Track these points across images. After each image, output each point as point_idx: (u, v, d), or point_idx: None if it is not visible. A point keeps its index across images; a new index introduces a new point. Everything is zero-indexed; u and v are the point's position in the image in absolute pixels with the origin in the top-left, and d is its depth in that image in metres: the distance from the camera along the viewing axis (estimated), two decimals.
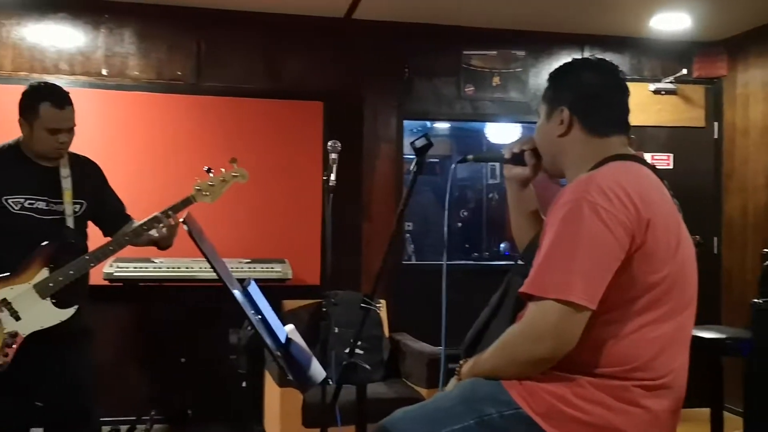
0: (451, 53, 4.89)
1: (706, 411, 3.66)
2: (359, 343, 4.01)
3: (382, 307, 4.07)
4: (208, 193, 2.87)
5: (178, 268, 3.99)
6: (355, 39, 4.74)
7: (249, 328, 1.54)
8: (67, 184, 2.80)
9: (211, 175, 2.89)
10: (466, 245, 6.39)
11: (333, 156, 3.13)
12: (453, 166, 1.94)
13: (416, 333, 4.34)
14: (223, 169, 2.92)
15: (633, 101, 1.78)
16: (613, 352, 1.58)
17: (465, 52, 4.90)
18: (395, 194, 4.76)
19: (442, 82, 4.89)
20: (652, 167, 1.74)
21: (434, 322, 2.05)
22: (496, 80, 4.93)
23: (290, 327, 1.77)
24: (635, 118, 1.77)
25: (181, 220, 2.58)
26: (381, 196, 4.73)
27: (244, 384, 3.67)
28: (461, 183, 6.85)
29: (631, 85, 1.78)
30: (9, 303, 2.65)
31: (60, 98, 2.72)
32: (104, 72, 4.44)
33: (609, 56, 3.08)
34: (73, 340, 2.79)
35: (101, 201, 2.95)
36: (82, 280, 2.82)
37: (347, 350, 2.13)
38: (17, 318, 2.65)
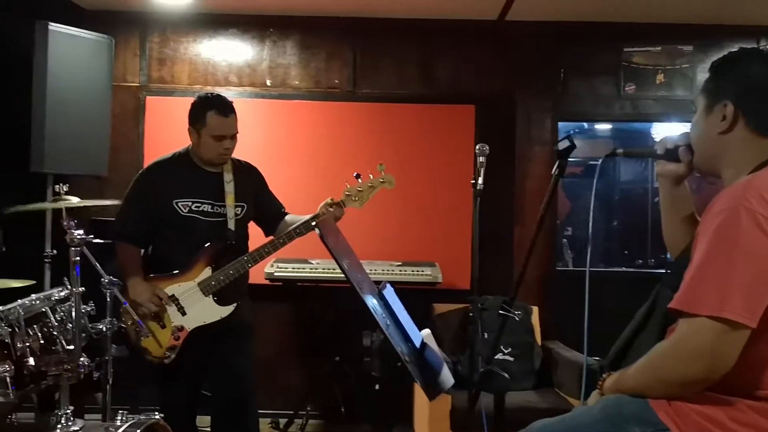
0: (610, 51, 4.68)
1: None
2: (509, 350, 3.99)
3: (520, 315, 3.96)
4: (356, 199, 2.96)
5: (334, 269, 4.12)
6: (509, 40, 4.67)
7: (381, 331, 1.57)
8: (229, 188, 2.99)
9: (359, 181, 2.96)
10: (625, 251, 6.06)
11: (481, 159, 3.09)
12: (599, 160, 1.85)
13: (570, 341, 4.19)
14: (371, 175, 2.99)
15: None
16: None
17: (626, 49, 4.67)
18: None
19: (601, 81, 4.69)
20: None
21: (589, 330, 1.96)
22: (660, 78, 4.65)
23: (426, 332, 1.77)
24: None
25: (313, 224, 2.68)
26: (534, 200, 4.61)
27: (377, 387, 3.72)
28: (624, 185, 6.52)
29: None
30: (177, 299, 2.88)
31: (225, 107, 2.93)
32: (268, 82, 4.71)
33: None
34: (235, 335, 2.98)
35: (260, 203, 3.13)
36: (242, 279, 3.00)
37: (496, 356, 2.08)
38: (183, 313, 2.88)
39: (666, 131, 5.25)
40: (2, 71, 4.21)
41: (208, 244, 2.90)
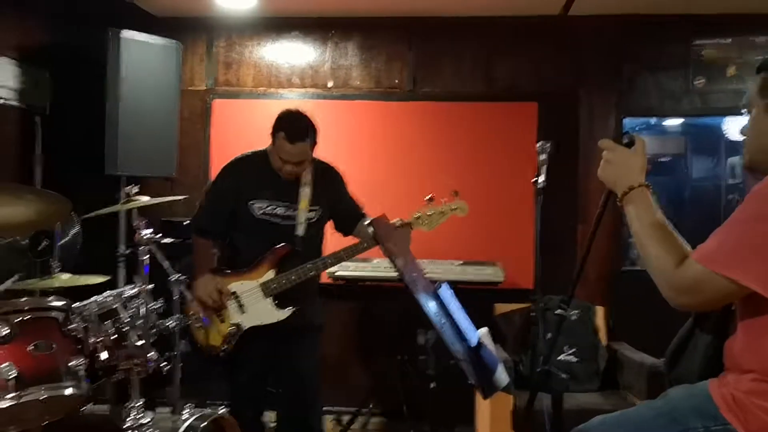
0: (678, 44, 4.54)
1: None
2: (573, 350, 3.93)
3: (577, 314, 3.89)
4: (425, 223, 2.95)
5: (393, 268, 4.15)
6: (571, 36, 4.60)
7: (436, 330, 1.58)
8: (305, 192, 3.00)
9: (431, 204, 2.96)
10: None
11: (542, 157, 3.05)
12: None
13: (636, 343, 4.09)
14: (444, 200, 2.97)
15: None
16: None
17: (695, 42, 4.52)
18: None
19: (668, 75, 4.56)
20: None
21: (655, 331, 1.92)
22: (731, 71, 4.49)
23: (484, 330, 1.77)
24: None
25: (367, 222, 2.69)
26: (598, 197, 4.50)
27: (432, 385, 3.71)
28: (696, 183, 6.32)
29: None
30: (238, 296, 2.94)
31: (293, 134, 2.89)
32: (330, 84, 4.77)
33: None
34: (301, 336, 3.01)
35: (338, 206, 3.12)
36: (308, 284, 2.99)
37: (558, 357, 2.07)
38: (242, 311, 2.94)
39: (737, 125, 5.06)
40: (78, 78, 4.42)
41: (277, 246, 2.93)
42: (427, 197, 2.94)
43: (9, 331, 2.09)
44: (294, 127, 2.91)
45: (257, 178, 3.02)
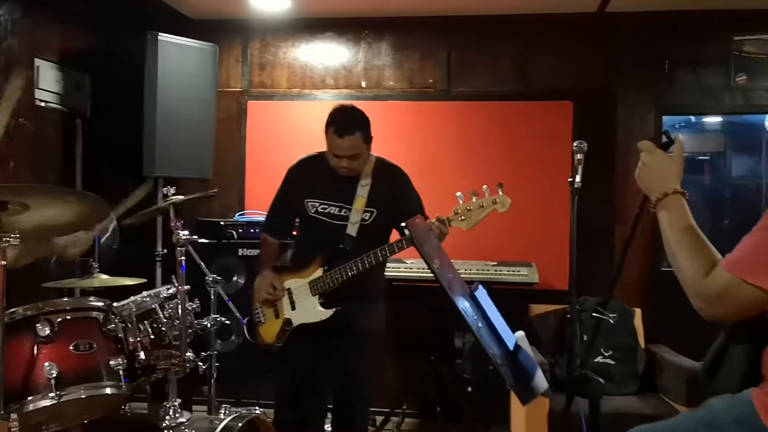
0: (718, 40, 4.44)
1: None
2: (610, 353, 3.87)
3: (615, 317, 3.81)
4: (464, 218, 2.80)
5: (427, 269, 4.12)
6: (608, 33, 4.53)
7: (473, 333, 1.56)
8: (362, 192, 2.95)
9: (474, 199, 2.80)
10: None
11: (578, 157, 2.99)
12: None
13: (676, 345, 4.01)
14: (486, 190, 2.82)
15: None
16: None
17: (736, 38, 4.42)
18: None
19: (708, 72, 4.46)
20: None
21: (695, 333, 1.88)
22: None
23: (520, 334, 1.74)
24: None
25: (403, 224, 2.64)
26: (635, 197, 4.42)
27: (469, 389, 3.65)
28: (736, 182, 6.18)
29: None
30: (291, 293, 2.96)
31: (342, 127, 2.85)
32: (363, 84, 4.77)
33: None
34: (350, 337, 2.97)
35: (397, 208, 3.00)
36: (363, 285, 2.94)
37: (596, 360, 2.03)
38: (293, 308, 2.95)
39: None
40: (117, 81, 4.49)
41: (327, 246, 2.93)
42: (470, 192, 2.81)
43: (51, 330, 2.13)
44: (342, 121, 2.88)
45: (314, 177, 3.03)
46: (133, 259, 3.72)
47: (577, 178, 2.96)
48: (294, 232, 3.24)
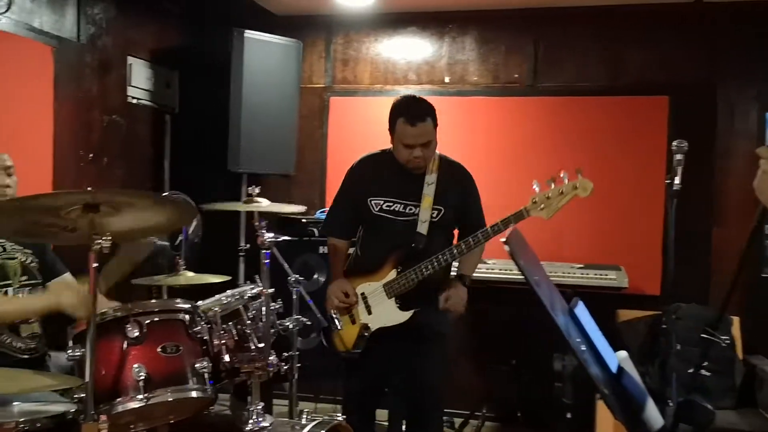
0: None
1: None
2: (706, 364, 3.66)
3: (728, 341, 3.60)
4: (543, 207, 2.67)
5: (509, 270, 4.02)
6: (707, 24, 4.27)
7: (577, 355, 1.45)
8: (429, 189, 2.88)
9: (552, 186, 2.67)
10: None
11: (678, 157, 2.80)
12: None
13: None
14: (565, 176, 2.68)
15: None
16: None
17: None
18: (756, 198, 4.18)
19: None
20: None
21: None
22: None
23: (623, 354, 1.60)
24: None
25: (503, 240, 2.53)
26: (737, 199, 4.19)
27: (569, 415, 3.47)
28: None
29: None
30: (366, 297, 2.91)
31: (413, 115, 2.79)
32: (446, 79, 4.68)
33: None
34: (424, 341, 2.91)
35: (462, 209, 2.96)
36: (434, 285, 2.87)
37: (690, 370, 1.88)
38: (369, 312, 2.91)
39: None
40: (203, 77, 4.56)
41: (399, 246, 2.86)
42: (548, 180, 2.68)
43: (140, 332, 2.15)
44: (412, 108, 2.83)
45: (378, 175, 2.96)
46: (217, 253, 3.77)
47: (676, 180, 2.79)
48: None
